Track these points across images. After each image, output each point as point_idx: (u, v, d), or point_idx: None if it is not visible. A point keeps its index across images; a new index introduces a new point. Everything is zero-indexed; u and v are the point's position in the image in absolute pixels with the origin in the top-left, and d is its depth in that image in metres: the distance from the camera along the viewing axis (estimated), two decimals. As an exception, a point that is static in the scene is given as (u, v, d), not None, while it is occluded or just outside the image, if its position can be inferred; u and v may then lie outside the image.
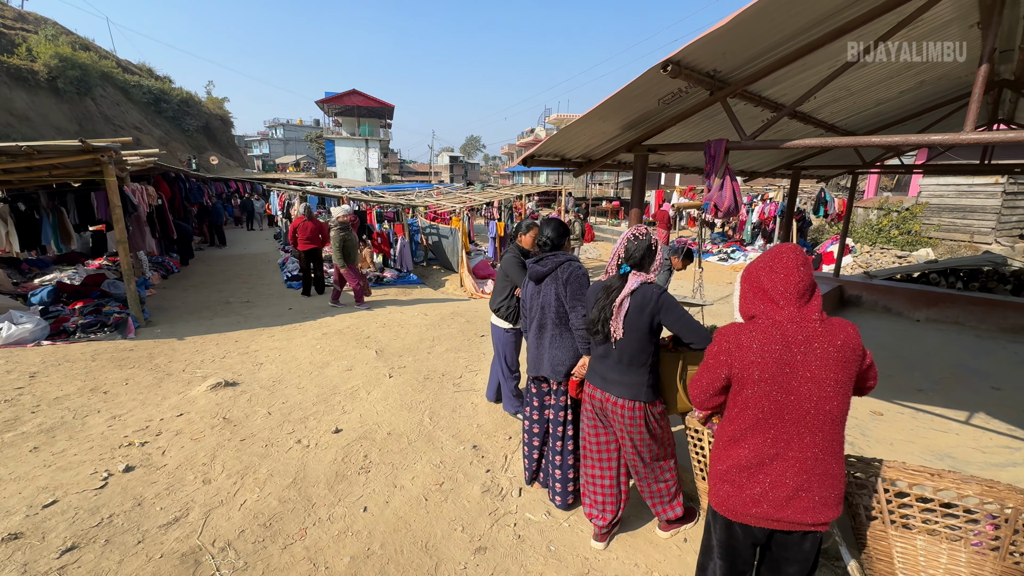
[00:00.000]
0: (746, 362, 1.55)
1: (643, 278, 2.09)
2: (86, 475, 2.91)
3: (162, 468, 3.04)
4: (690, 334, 2.04)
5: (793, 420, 1.52)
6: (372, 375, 4.68)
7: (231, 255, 12.41)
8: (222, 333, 5.91)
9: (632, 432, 2.20)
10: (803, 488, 1.52)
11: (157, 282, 8.64)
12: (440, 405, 4.10)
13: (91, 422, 3.59)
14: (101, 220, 8.35)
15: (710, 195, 2.76)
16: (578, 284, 2.49)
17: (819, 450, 1.52)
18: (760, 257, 1.62)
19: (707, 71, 2.51)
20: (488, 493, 2.93)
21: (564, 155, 3.43)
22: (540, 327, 2.62)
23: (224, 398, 4.06)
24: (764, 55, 2.48)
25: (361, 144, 37.03)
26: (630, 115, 2.90)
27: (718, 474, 1.67)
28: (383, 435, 3.56)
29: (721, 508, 1.65)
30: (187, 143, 30.87)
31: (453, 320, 6.80)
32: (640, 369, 2.14)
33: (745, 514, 1.59)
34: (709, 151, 2.72)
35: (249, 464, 3.11)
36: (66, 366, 4.61)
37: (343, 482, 2.97)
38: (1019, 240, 12.46)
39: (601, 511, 2.42)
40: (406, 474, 3.09)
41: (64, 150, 5.18)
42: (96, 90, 24.16)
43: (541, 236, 2.66)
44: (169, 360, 4.92)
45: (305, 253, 8.03)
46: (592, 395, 2.29)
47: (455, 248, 10.43)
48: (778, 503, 1.54)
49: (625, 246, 2.19)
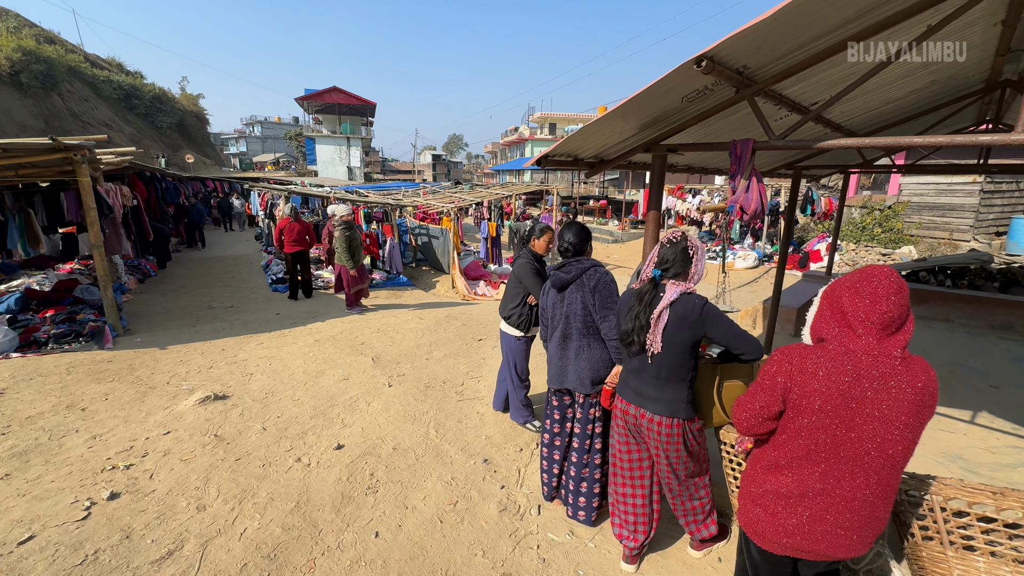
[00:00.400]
0: (808, 389, 1.42)
1: (682, 288, 1.97)
2: (66, 505, 2.66)
3: (151, 494, 2.80)
4: (740, 345, 1.92)
5: (849, 458, 1.40)
6: (370, 384, 4.48)
7: (210, 257, 11.97)
8: (207, 341, 5.62)
9: (669, 449, 2.07)
10: (843, 526, 1.43)
11: (133, 287, 8.24)
12: (445, 416, 3.93)
13: (69, 443, 3.31)
14: (71, 222, 7.93)
15: (735, 197, 2.65)
16: (607, 291, 2.35)
17: (871, 493, 1.41)
18: (849, 276, 1.47)
19: (737, 67, 2.39)
20: (506, 512, 2.78)
21: (578, 155, 3.29)
22: (564, 337, 2.47)
23: (214, 413, 3.81)
24: (795, 51, 2.38)
25: (343, 142, 36.34)
26: (650, 114, 2.77)
27: (751, 496, 1.57)
28: (388, 450, 3.37)
29: (749, 530, 1.56)
30: (161, 141, 29.83)
31: (449, 324, 6.62)
32: (679, 385, 2.01)
33: (775, 542, 1.50)
34: (735, 151, 2.61)
35: (247, 487, 2.90)
36: (38, 381, 4.29)
37: (350, 504, 2.78)
38: (995, 237, 12.82)
39: (632, 531, 2.29)
40: (417, 493, 2.92)
41: (34, 148, 4.83)
42: (63, 85, 23.11)
43: (562, 241, 2.52)
44: (152, 372, 4.63)
45: (292, 255, 7.75)
46: (625, 411, 2.15)
47: (446, 249, 10.22)
48: (813, 537, 1.45)
49: (659, 252, 2.06)
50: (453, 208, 10.35)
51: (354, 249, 6.84)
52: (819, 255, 12.08)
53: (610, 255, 14.65)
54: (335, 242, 6.89)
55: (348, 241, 6.77)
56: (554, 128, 42.94)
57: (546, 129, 42.96)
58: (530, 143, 42.18)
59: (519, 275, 3.44)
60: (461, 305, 8.13)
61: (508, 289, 3.59)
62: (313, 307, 7.43)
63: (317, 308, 7.36)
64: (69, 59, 25.13)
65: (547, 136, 42.13)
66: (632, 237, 16.99)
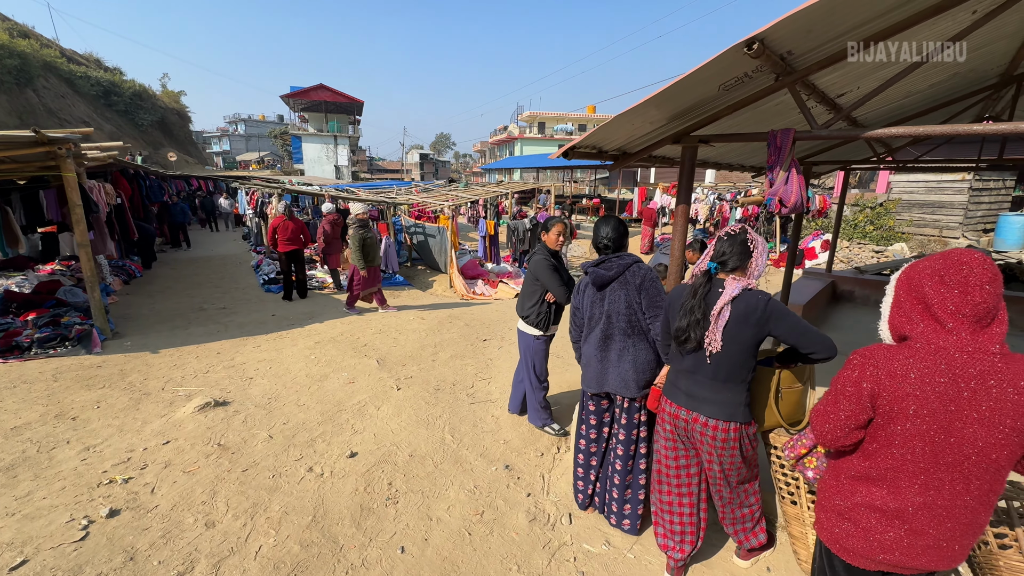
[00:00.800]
0: (900, 393, 1.29)
1: (743, 283, 1.84)
2: (61, 524, 2.45)
3: (154, 510, 2.60)
4: (810, 343, 1.80)
5: (948, 464, 1.29)
6: (378, 388, 4.30)
7: (197, 257, 11.60)
8: (201, 344, 5.38)
9: (723, 455, 1.95)
10: (945, 538, 1.31)
11: (119, 288, 7.91)
12: (459, 420, 3.77)
13: (60, 456, 3.09)
14: (52, 221, 7.56)
15: (774, 189, 2.55)
16: (655, 289, 2.22)
17: (973, 499, 1.29)
18: (928, 262, 1.33)
19: (782, 53, 2.29)
20: (536, 522, 2.64)
21: (602, 148, 3.16)
22: (605, 338, 2.33)
23: (215, 420, 3.61)
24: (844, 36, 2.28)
25: (330, 140, 35.79)
26: (683, 103, 2.65)
27: (836, 509, 1.44)
28: (404, 457, 3.21)
29: (837, 547, 1.43)
30: (141, 139, 29.04)
31: (452, 324, 6.45)
32: (738, 386, 1.89)
33: (869, 558, 1.37)
34: (775, 141, 2.51)
35: (258, 500, 2.71)
36: (23, 388, 4.03)
37: (371, 517, 2.62)
38: (983, 234, 13.04)
39: (679, 542, 2.16)
40: (440, 503, 2.76)
41: (14, 141, 4.55)
42: (38, 81, 22.35)
43: (599, 237, 2.38)
44: (145, 377, 4.39)
45: (286, 255, 7.51)
46: (675, 415, 2.03)
47: (443, 248, 10.04)
48: (914, 552, 1.33)
49: (715, 245, 1.94)
50: (451, 206, 10.16)
51: (367, 249, 6.61)
52: (814, 252, 12.15)
53: (605, 253, 14.60)
54: (349, 241, 6.65)
55: (362, 240, 6.53)
56: (543, 127, 42.83)
57: (535, 128, 42.82)
58: (519, 142, 42.01)
59: (535, 272, 3.31)
60: (461, 305, 7.96)
61: (525, 287, 3.45)
62: (309, 308, 7.20)
63: (313, 309, 7.13)
64: (44, 54, 24.32)
65: (536, 135, 42.01)
66: (626, 235, 16.95)
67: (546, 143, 41.49)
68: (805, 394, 2.06)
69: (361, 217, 6.67)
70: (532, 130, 42.75)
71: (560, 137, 41.88)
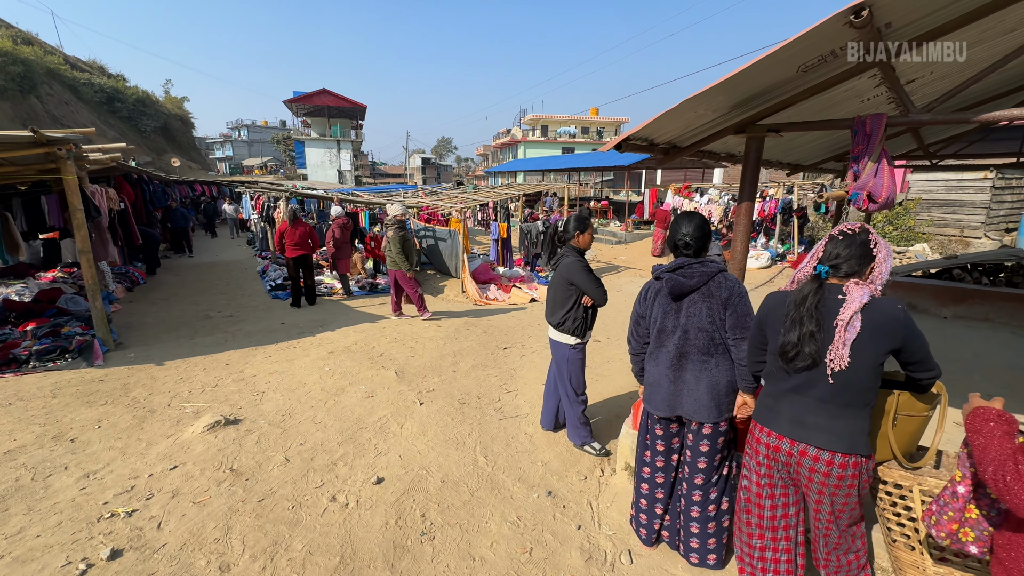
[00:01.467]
0: None
1: (870, 289, 1.55)
2: (56, 569, 2.16)
3: (161, 550, 2.31)
4: (929, 365, 1.59)
5: None
6: (399, 402, 4.00)
7: (202, 263, 11.35)
8: (208, 355, 5.09)
9: (836, 494, 1.65)
10: None
11: (122, 295, 7.64)
12: (490, 438, 3.47)
13: (57, 484, 2.80)
14: (53, 227, 7.31)
15: (861, 182, 2.26)
16: (745, 306, 1.93)
17: None
18: None
19: (880, 25, 2.00)
20: (592, 561, 2.33)
21: (653, 140, 2.87)
22: (680, 356, 2.02)
23: (226, 441, 3.31)
24: (950, 5, 1.99)
25: (332, 145, 35.63)
26: (754, 88, 2.36)
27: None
28: (436, 483, 2.91)
29: None
30: (144, 145, 28.89)
31: (469, 331, 6.16)
32: (861, 412, 1.59)
33: None
34: (864, 128, 2.22)
35: (277, 537, 2.41)
36: (19, 406, 3.75)
37: (406, 556, 2.32)
38: (1006, 234, 12.70)
39: (771, 593, 1.86)
40: (482, 539, 2.46)
41: (13, 142, 4.29)
42: (42, 88, 22.18)
43: (678, 235, 2.07)
44: (149, 392, 4.10)
45: (294, 260, 7.23)
46: (774, 446, 1.72)
47: (454, 252, 9.74)
48: None
49: (826, 246, 1.64)
50: (463, 209, 9.89)
51: (408, 251, 6.31)
52: (833, 254, 11.82)
53: (616, 256, 14.26)
54: (388, 244, 6.35)
55: (402, 242, 6.22)
56: (546, 130, 42.61)
57: (538, 131, 42.60)
58: (523, 145, 41.79)
59: (569, 276, 3.01)
60: (476, 311, 7.67)
61: (555, 293, 3.14)
62: (319, 315, 6.91)
63: (323, 316, 6.85)
64: (48, 61, 24.20)
65: (539, 138, 41.79)
66: (636, 238, 16.62)
67: (549, 146, 41.27)
68: (925, 423, 1.76)
69: (400, 218, 6.39)
70: (535, 133, 42.54)
71: (563, 140, 41.66)
